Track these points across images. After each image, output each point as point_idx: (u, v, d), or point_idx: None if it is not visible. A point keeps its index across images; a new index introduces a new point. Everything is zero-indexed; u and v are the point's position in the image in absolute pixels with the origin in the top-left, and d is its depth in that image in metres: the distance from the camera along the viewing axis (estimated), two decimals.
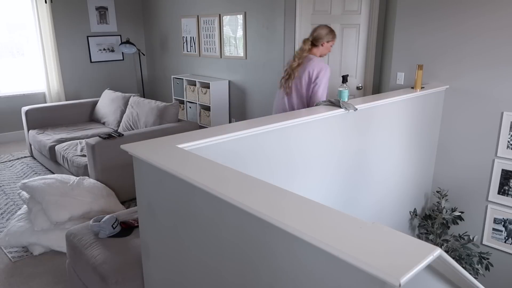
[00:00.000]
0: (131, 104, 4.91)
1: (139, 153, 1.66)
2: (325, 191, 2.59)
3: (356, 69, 4.35)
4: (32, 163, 5.18)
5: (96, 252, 2.26)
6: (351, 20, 4.23)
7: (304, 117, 2.27)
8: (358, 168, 2.79)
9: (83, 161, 3.99)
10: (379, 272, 0.88)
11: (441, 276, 1.22)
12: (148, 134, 4.02)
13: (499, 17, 3.07)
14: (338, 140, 2.57)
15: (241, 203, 1.22)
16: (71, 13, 6.39)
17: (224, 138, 1.92)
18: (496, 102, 3.19)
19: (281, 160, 2.25)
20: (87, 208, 3.25)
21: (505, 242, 3.31)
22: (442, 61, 3.45)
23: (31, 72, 6.28)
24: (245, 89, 5.44)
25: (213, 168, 1.49)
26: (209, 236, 1.43)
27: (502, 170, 3.24)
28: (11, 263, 3.04)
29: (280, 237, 1.14)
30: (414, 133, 3.26)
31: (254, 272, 1.27)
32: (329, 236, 1.01)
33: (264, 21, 4.90)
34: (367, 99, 2.83)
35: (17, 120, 6.18)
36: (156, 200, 1.68)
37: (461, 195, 3.53)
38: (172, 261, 1.69)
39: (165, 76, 6.94)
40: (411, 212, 3.51)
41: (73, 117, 5.50)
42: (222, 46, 5.65)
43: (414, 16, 3.54)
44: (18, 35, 6.10)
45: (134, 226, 2.52)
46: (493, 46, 3.14)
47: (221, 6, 5.51)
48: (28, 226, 3.16)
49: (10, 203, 4.01)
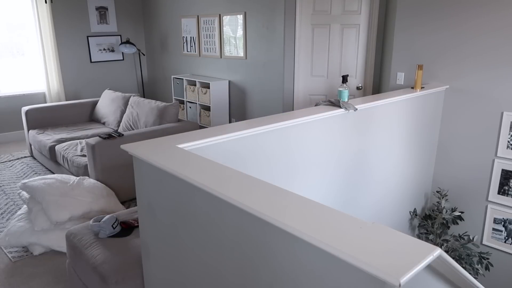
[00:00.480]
0: (131, 104, 4.91)
1: (139, 153, 1.66)
2: (325, 191, 2.59)
3: (356, 69, 4.35)
4: (32, 163, 5.18)
5: (96, 252, 2.26)
6: (351, 20, 4.23)
7: (304, 117, 2.27)
8: (358, 168, 2.79)
9: (83, 161, 3.99)
10: (379, 272, 0.88)
11: (441, 276, 1.22)
12: (148, 134, 4.02)
13: (499, 17, 3.07)
14: (338, 140, 2.57)
15: (241, 203, 1.22)
16: (71, 13, 6.39)
17: (224, 138, 1.92)
18: (496, 102, 3.19)
19: (281, 160, 2.25)
20: (87, 208, 3.25)
21: (505, 242, 3.32)
22: (442, 61, 3.45)
23: (31, 72, 6.28)
24: (245, 89, 5.44)
25: (213, 168, 1.49)
26: (209, 236, 1.43)
27: (502, 170, 3.24)
28: (11, 263, 3.04)
29: (280, 237, 1.14)
30: (414, 133, 3.26)
31: (254, 272, 1.27)
32: (329, 236, 1.01)
33: (264, 21, 4.90)
34: (367, 99, 2.83)
35: (17, 120, 6.18)
36: (156, 200, 1.68)
37: (461, 195, 3.53)
38: (172, 260, 1.69)
39: (165, 76, 6.94)
40: (411, 212, 3.51)
41: (73, 117, 5.50)
42: (222, 46, 5.65)
43: (414, 16, 3.55)
44: (18, 35, 6.10)
45: (134, 226, 2.52)
46: (493, 46, 3.14)
47: (221, 6, 5.51)
48: (28, 226, 3.16)
49: (10, 203, 4.01)
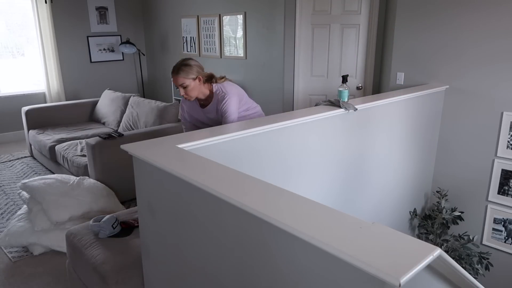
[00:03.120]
0: (131, 104, 4.91)
1: (139, 153, 1.66)
2: (325, 191, 2.59)
3: (356, 69, 4.35)
4: (32, 163, 5.18)
5: (96, 252, 2.26)
6: (351, 20, 4.23)
7: (304, 117, 2.27)
8: (358, 168, 2.79)
9: (83, 161, 3.99)
10: (379, 272, 0.88)
11: (441, 276, 1.22)
12: (148, 134, 4.02)
13: (499, 18, 3.07)
14: (337, 140, 2.56)
15: (240, 203, 1.22)
16: (71, 13, 6.38)
17: (223, 138, 1.92)
18: (496, 102, 3.19)
19: (281, 160, 2.25)
20: (87, 208, 3.25)
21: (505, 242, 3.31)
22: (442, 61, 3.45)
23: (31, 72, 6.28)
24: (245, 89, 5.44)
25: (213, 168, 1.49)
26: (208, 235, 1.43)
27: (502, 170, 3.24)
28: (11, 263, 3.04)
29: (280, 237, 1.14)
30: (414, 133, 3.26)
31: (254, 272, 1.27)
32: (329, 236, 1.01)
33: (264, 21, 4.90)
34: (367, 99, 2.83)
35: (17, 120, 6.18)
36: (156, 200, 1.68)
37: (461, 195, 3.53)
38: (172, 261, 1.69)
39: (165, 76, 6.94)
40: (411, 212, 3.50)
41: (73, 117, 5.50)
42: (222, 46, 5.65)
43: (414, 16, 3.54)
44: (18, 35, 6.10)
45: (134, 226, 2.52)
46: (493, 46, 3.14)
47: (221, 6, 5.51)
48: (28, 226, 3.16)
49: (10, 203, 4.01)
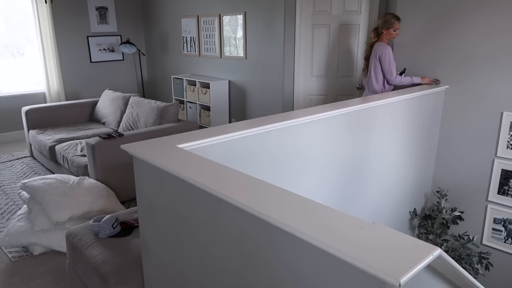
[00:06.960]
0: (131, 104, 4.91)
1: (139, 153, 1.66)
2: (325, 190, 2.59)
3: (356, 69, 4.35)
4: (32, 163, 5.18)
5: (96, 252, 2.26)
6: (351, 20, 4.23)
7: (304, 117, 2.27)
8: (358, 167, 2.79)
9: (83, 161, 3.99)
10: (379, 272, 0.88)
11: (441, 276, 1.22)
12: (148, 134, 4.02)
13: (499, 18, 3.07)
14: (337, 140, 2.57)
15: (241, 203, 1.22)
16: (71, 13, 6.38)
17: (224, 138, 1.92)
18: (496, 102, 3.19)
19: (281, 160, 2.25)
20: (87, 208, 3.25)
21: (504, 242, 3.31)
22: (442, 61, 3.45)
23: (31, 72, 6.27)
24: (245, 89, 5.44)
25: (213, 168, 1.49)
26: (209, 236, 1.43)
27: (502, 170, 3.24)
28: (11, 263, 3.04)
29: (280, 237, 1.14)
30: (414, 133, 3.26)
31: (254, 272, 1.27)
32: (329, 236, 1.01)
33: (264, 21, 4.90)
34: (367, 99, 2.83)
35: (17, 120, 6.18)
36: (156, 200, 1.68)
37: (461, 195, 3.53)
38: (172, 261, 1.69)
39: (165, 76, 6.94)
40: (411, 212, 3.51)
41: (73, 117, 5.49)
42: (222, 46, 5.65)
43: (413, 16, 3.55)
44: (18, 35, 6.10)
45: (134, 226, 2.51)
46: (493, 46, 3.14)
47: (221, 6, 5.51)
48: (28, 226, 3.16)
49: (10, 203, 4.01)
